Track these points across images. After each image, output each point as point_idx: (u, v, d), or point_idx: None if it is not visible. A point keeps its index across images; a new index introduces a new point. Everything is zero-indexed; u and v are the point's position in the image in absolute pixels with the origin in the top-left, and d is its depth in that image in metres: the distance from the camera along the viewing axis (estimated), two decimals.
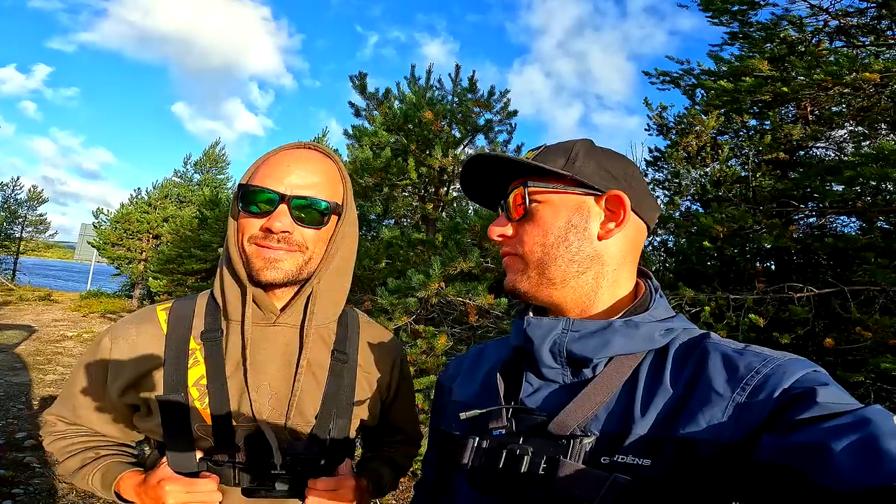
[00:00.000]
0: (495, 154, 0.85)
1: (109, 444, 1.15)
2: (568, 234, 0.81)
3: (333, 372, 1.09)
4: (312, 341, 1.08)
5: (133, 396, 1.05)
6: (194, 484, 0.97)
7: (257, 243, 1.01)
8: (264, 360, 1.05)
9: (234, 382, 1.03)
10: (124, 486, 1.05)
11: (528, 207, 0.83)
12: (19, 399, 5.96)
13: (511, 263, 0.86)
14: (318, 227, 1.04)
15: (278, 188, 1.00)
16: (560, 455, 0.70)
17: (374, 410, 1.17)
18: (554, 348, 0.78)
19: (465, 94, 5.84)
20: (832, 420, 0.55)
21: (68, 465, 1.10)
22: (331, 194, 1.06)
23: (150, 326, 1.07)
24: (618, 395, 0.73)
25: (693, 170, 5.12)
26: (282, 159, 1.05)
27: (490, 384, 0.88)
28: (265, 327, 1.06)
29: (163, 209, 19.34)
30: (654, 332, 0.76)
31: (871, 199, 3.99)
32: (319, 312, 1.09)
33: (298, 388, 1.04)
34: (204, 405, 1.01)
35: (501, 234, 0.86)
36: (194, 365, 1.03)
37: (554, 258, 0.81)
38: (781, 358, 0.67)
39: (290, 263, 1.01)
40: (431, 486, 0.98)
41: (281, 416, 1.04)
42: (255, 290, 1.03)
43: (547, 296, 0.82)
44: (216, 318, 1.07)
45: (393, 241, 4.90)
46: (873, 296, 3.34)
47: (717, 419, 0.64)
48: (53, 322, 12.43)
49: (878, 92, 3.74)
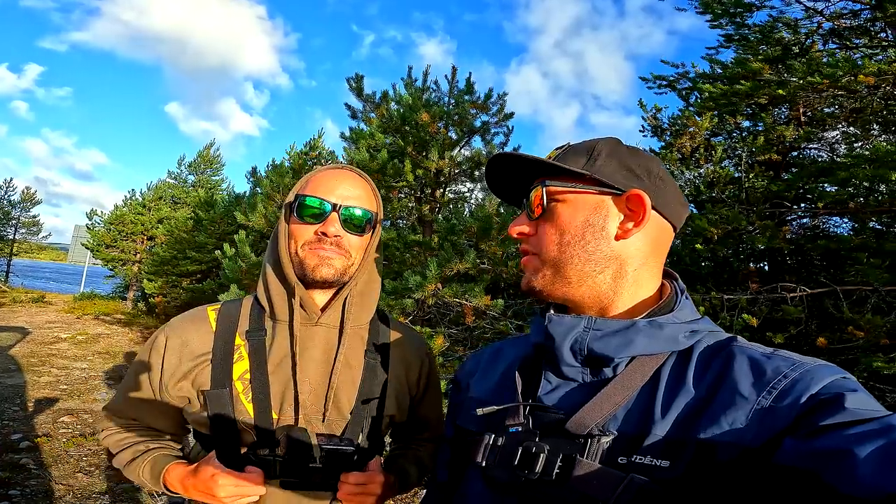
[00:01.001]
0: (515, 153, 0.85)
1: (159, 437, 1.22)
2: (585, 233, 0.80)
3: (367, 370, 1.17)
4: (349, 340, 1.16)
5: (184, 390, 1.11)
6: (244, 478, 1.03)
7: (311, 248, 1.12)
8: (307, 358, 1.13)
9: (276, 378, 1.10)
10: (171, 478, 1.12)
11: (546, 206, 0.83)
12: (14, 401, 5.93)
13: (528, 262, 0.86)
14: (361, 235, 1.16)
15: (331, 199, 1.12)
16: (577, 454, 0.70)
17: (404, 407, 1.24)
18: (575, 346, 0.77)
19: (461, 95, 5.85)
20: (858, 426, 0.54)
21: (121, 457, 1.18)
22: (371, 207, 1.19)
23: (201, 324, 1.16)
24: (638, 395, 0.72)
25: (687, 171, 5.15)
26: (329, 176, 1.17)
27: (508, 381, 0.88)
28: (308, 327, 1.14)
29: (157, 210, 19.24)
30: (679, 333, 0.75)
31: (863, 200, 4.02)
32: (356, 313, 1.18)
33: (335, 385, 1.12)
34: (248, 399, 1.09)
35: (521, 231, 0.86)
36: (239, 360, 1.12)
37: (570, 257, 0.80)
38: (811, 363, 0.66)
39: (339, 263, 1.12)
40: (444, 483, 0.98)
41: (319, 411, 1.11)
42: (302, 292, 1.12)
43: (562, 294, 0.82)
44: (261, 318, 1.17)
45: (389, 243, 4.91)
46: (865, 296, 3.37)
47: (740, 422, 0.63)
48: (47, 324, 12.35)
49: (870, 93, 3.78)
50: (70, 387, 6.89)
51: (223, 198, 12.85)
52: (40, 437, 4.86)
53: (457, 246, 4.45)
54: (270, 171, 7.82)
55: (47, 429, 5.17)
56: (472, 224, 4.51)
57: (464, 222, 4.64)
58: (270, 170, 8.28)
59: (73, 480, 4.11)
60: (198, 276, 12.42)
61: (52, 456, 4.51)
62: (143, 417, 1.19)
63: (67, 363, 8.36)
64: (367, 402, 1.15)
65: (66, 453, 4.60)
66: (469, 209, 6.43)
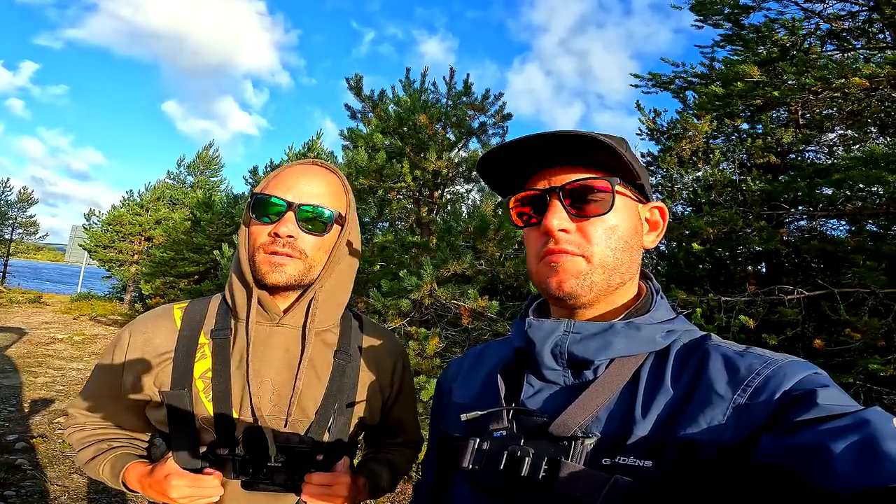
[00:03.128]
0: (589, 133, 0.74)
1: (123, 436, 1.21)
2: (632, 240, 0.79)
3: (336, 371, 1.15)
4: (315, 342, 1.14)
5: (145, 388, 1.10)
6: (198, 479, 1.01)
7: (265, 250, 1.08)
8: (268, 358, 1.11)
9: (237, 378, 1.09)
10: (130, 477, 1.11)
11: (611, 206, 0.77)
12: (10, 401, 5.91)
13: (570, 266, 0.77)
14: (320, 235, 1.11)
15: (286, 197, 1.08)
16: (561, 456, 0.70)
17: (375, 409, 1.22)
18: (555, 350, 0.77)
19: (459, 97, 5.85)
20: (832, 422, 0.55)
21: (83, 455, 1.17)
22: (334, 205, 1.14)
23: (166, 322, 1.15)
24: (619, 396, 0.73)
25: (686, 174, 5.16)
26: (291, 173, 1.14)
27: (491, 385, 0.87)
28: (270, 327, 1.12)
29: (155, 211, 19.20)
30: (656, 333, 0.76)
31: (860, 203, 4.03)
32: (320, 315, 1.15)
33: (300, 386, 1.09)
34: (208, 397, 1.07)
35: (565, 228, 0.77)
36: (202, 358, 1.10)
37: (620, 264, 0.78)
38: (782, 360, 0.67)
39: (293, 268, 1.08)
40: (431, 487, 0.98)
41: (282, 412, 1.09)
42: (260, 293, 1.11)
43: (598, 301, 0.79)
44: (227, 317, 1.15)
45: (387, 245, 4.90)
46: (863, 298, 3.37)
47: (718, 420, 0.64)
48: (44, 324, 12.32)
49: (868, 96, 3.78)
50: (66, 388, 6.87)
51: (221, 199, 12.83)
52: (36, 438, 4.84)
53: (453, 246, 4.45)
54: (269, 172, 7.82)
55: (43, 429, 5.15)
56: (469, 224, 4.50)
57: (461, 223, 4.64)
58: (269, 171, 8.27)
59: (68, 481, 4.10)
60: (195, 278, 12.40)
61: (47, 457, 4.50)
62: (108, 415, 1.18)
63: (64, 364, 8.34)
64: (334, 402, 1.13)
65: (62, 454, 4.59)
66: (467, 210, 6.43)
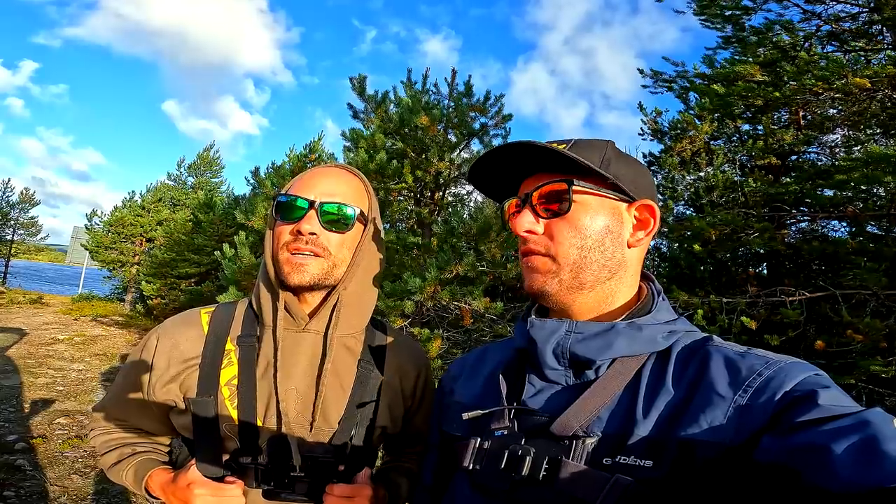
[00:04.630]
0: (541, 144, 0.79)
1: (146, 441, 1.20)
2: (605, 238, 0.80)
3: (359, 380, 1.13)
4: (337, 349, 1.13)
5: (171, 393, 1.09)
6: (221, 488, 1.00)
7: (289, 248, 1.08)
8: (293, 365, 1.10)
9: (263, 385, 1.07)
10: (153, 484, 1.10)
11: (569, 206, 0.79)
12: (10, 402, 5.91)
13: (538, 264, 0.81)
14: (343, 232, 1.10)
15: (308, 196, 1.09)
16: (562, 456, 0.70)
17: (397, 419, 1.20)
18: (557, 350, 0.78)
19: (460, 98, 5.86)
20: (833, 422, 0.55)
21: (107, 459, 1.16)
22: (357, 203, 1.13)
23: (193, 328, 1.13)
24: (620, 396, 0.73)
25: (687, 175, 5.16)
26: (312, 175, 1.15)
27: (492, 385, 0.88)
28: (296, 333, 1.11)
29: (156, 212, 19.22)
30: (657, 334, 0.76)
31: (861, 204, 4.03)
32: (343, 321, 1.13)
33: (322, 394, 1.08)
34: (234, 405, 1.06)
35: (531, 230, 0.81)
36: (228, 365, 1.09)
37: (589, 262, 0.79)
38: (784, 361, 0.67)
39: (315, 267, 1.07)
40: (430, 486, 0.98)
41: (306, 420, 1.07)
42: (287, 296, 1.09)
43: (572, 300, 0.81)
44: (253, 323, 1.14)
45: (389, 245, 4.90)
46: (864, 299, 3.37)
47: (719, 421, 0.64)
48: (44, 325, 12.31)
49: (869, 97, 3.78)
50: (66, 388, 6.87)
51: (222, 200, 12.84)
52: (36, 439, 4.84)
53: (456, 248, 4.45)
54: (271, 172, 7.82)
55: (43, 430, 5.15)
56: (472, 226, 4.51)
57: (463, 224, 4.64)
58: (271, 172, 8.28)
59: (68, 482, 4.09)
60: (196, 279, 12.41)
61: (47, 457, 4.49)
62: (132, 419, 1.18)
63: (64, 364, 8.34)
64: (357, 412, 1.11)
65: (62, 455, 4.58)
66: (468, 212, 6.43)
